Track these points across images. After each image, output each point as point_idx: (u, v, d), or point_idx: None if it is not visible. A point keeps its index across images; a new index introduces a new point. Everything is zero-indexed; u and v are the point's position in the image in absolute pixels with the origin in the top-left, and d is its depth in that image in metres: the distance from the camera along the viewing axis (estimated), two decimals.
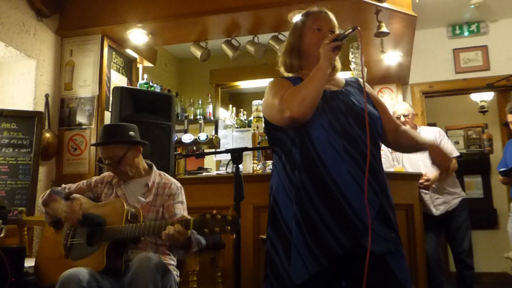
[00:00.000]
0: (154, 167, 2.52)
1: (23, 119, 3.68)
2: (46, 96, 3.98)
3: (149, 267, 2.00)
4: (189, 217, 2.08)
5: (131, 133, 2.43)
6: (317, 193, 1.63)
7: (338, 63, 1.92)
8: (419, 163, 3.66)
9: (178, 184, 2.46)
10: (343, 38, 1.74)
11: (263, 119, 2.12)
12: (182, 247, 2.14)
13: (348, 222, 1.59)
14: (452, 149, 3.76)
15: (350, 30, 1.74)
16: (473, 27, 5.20)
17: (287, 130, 1.77)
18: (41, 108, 3.91)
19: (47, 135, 3.90)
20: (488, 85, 4.90)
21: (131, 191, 2.41)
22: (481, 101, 6.00)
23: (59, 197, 2.37)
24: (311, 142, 1.70)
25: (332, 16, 1.91)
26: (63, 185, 2.51)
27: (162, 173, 2.52)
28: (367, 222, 1.57)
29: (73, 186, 2.50)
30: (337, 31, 1.87)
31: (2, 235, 2.68)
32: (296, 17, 3.84)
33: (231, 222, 1.93)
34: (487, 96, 5.92)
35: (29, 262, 2.53)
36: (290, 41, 1.97)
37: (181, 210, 2.36)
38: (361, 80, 1.87)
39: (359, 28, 1.74)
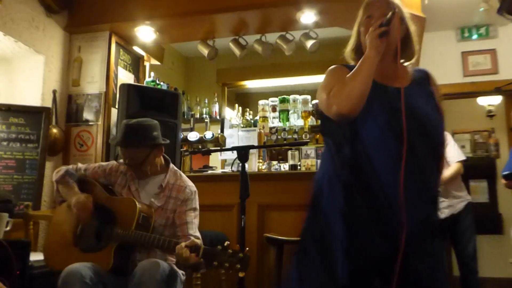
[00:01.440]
0: (171, 164, 2.46)
1: (31, 115, 3.69)
2: (54, 92, 4.00)
3: (154, 276, 1.98)
4: (199, 242, 2.04)
5: (155, 133, 2.37)
6: (362, 196, 1.58)
7: (412, 49, 1.76)
8: None
9: (194, 189, 2.41)
10: (387, 23, 1.62)
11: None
12: (190, 267, 2.11)
13: (389, 231, 1.54)
14: (458, 154, 3.75)
15: (391, 13, 1.64)
16: (482, 30, 5.17)
17: (340, 122, 1.67)
18: (48, 103, 3.93)
19: (54, 130, 3.92)
20: (496, 89, 4.87)
21: (144, 189, 2.37)
22: (488, 105, 5.97)
23: (72, 181, 2.36)
24: (363, 142, 1.61)
25: (382, 1, 1.75)
26: (79, 165, 2.48)
27: (178, 172, 2.46)
28: (410, 233, 1.50)
29: (89, 168, 2.45)
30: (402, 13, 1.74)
31: (8, 228, 2.70)
32: (304, 16, 3.86)
33: (241, 260, 1.88)
34: (495, 100, 5.89)
35: (35, 256, 2.55)
36: (352, 34, 1.84)
37: (192, 218, 2.32)
38: (431, 74, 1.78)
39: (396, 10, 1.66)
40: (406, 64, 1.79)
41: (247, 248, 1.92)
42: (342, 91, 1.62)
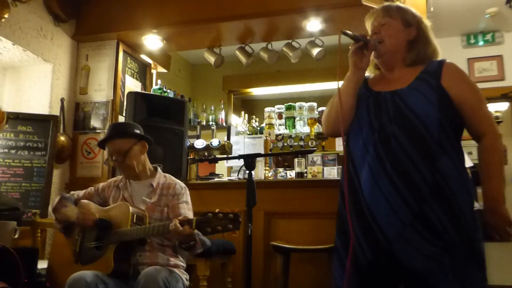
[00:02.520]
0: (159, 169, 2.54)
1: (39, 122, 3.73)
2: (62, 100, 4.03)
3: (158, 282, 2.00)
4: (191, 216, 2.09)
5: (136, 130, 2.48)
6: (354, 208, 1.63)
7: (424, 50, 1.76)
8: None
9: (183, 185, 2.48)
10: (356, 38, 1.69)
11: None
12: (187, 248, 2.14)
13: (371, 234, 1.57)
14: (466, 160, 3.72)
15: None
16: (488, 37, 5.17)
17: (344, 140, 1.76)
18: (56, 111, 3.96)
19: (62, 138, 3.94)
20: (502, 96, 4.86)
21: (137, 192, 2.43)
22: (495, 112, 5.92)
23: (69, 203, 2.40)
24: (351, 152, 1.69)
25: (380, 10, 1.81)
26: (72, 192, 2.54)
27: (167, 174, 2.54)
28: (392, 237, 1.53)
29: (81, 192, 2.53)
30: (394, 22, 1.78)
31: (16, 236, 2.72)
32: (310, 24, 3.87)
33: (233, 219, 1.93)
34: (502, 107, 5.85)
35: (42, 264, 2.56)
36: None
37: (186, 210, 2.37)
38: (446, 63, 1.72)
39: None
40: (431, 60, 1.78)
41: (237, 209, 1.96)
42: (325, 112, 1.77)
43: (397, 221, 1.53)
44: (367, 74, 1.84)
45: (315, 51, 4.17)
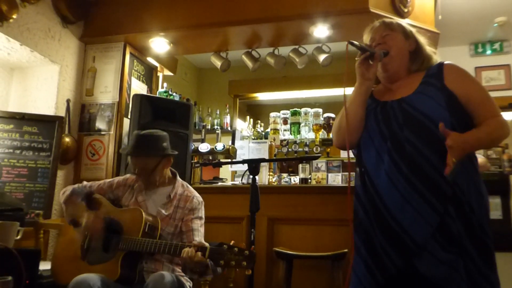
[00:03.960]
0: (178, 176, 2.51)
1: (44, 123, 3.73)
2: (68, 101, 4.04)
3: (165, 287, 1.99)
4: (206, 244, 2.05)
5: (165, 144, 2.43)
6: (374, 216, 1.62)
7: (424, 60, 1.79)
8: None
9: (200, 199, 2.45)
10: (363, 49, 1.72)
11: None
12: (197, 272, 2.11)
13: (398, 240, 1.55)
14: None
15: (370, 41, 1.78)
16: (496, 46, 5.15)
17: (355, 151, 1.78)
18: (62, 112, 3.97)
19: (67, 139, 3.95)
20: (510, 105, 4.83)
21: (152, 199, 2.40)
22: None
23: (79, 199, 2.38)
24: (363, 160, 1.70)
25: (382, 24, 1.84)
26: (85, 183, 2.51)
27: (185, 183, 2.51)
28: (421, 240, 1.52)
29: (95, 185, 2.49)
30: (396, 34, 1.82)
31: (18, 237, 2.70)
32: (317, 30, 3.86)
33: (248, 257, 1.88)
34: (509, 116, 5.82)
35: (44, 265, 2.55)
36: None
37: (198, 225, 2.35)
38: (446, 64, 1.74)
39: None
40: (428, 66, 1.81)
41: (253, 246, 1.91)
42: (334, 125, 1.78)
43: (425, 224, 1.52)
44: None
45: (322, 57, 4.16)
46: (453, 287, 1.50)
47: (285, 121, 4.41)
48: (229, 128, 5.78)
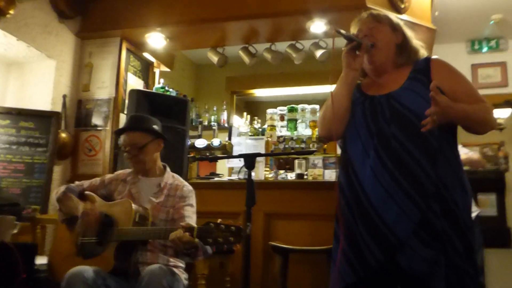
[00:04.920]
0: (168, 169, 2.54)
1: (41, 119, 3.73)
2: (64, 96, 4.04)
3: (161, 281, 2.00)
4: (194, 225, 2.07)
5: (155, 126, 2.49)
6: (357, 209, 1.62)
7: (411, 53, 1.78)
8: None
9: (190, 188, 2.48)
10: (349, 39, 1.72)
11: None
12: (188, 254, 2.15)
13: (381, 235, 1.55)
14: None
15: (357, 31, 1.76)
16: (492, 43, 5.16)
17: (340, 143, 1.77)
18: (58, 108, 3.96)
19: (63, 135, 3.95)
20: (506, 102, 4.85)
21: (144, 190, 2.42)
22: (498, 118, 5.91)
23: (74, 195, 2.39)
24: (348, 154, 1.69)
25: (369, 16, 1.82)
26: (77, 182, 2.54)
27: (175, 175, 2.54)
28: (403, 236, 1.52)
29: (86, 183, 2.52)
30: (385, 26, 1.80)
31: (15, 231, 2.71)
32: (314, 26, 3.87)
33: (235, 233, 1.91)
34: (505, 113, 5.84)
35: (41, 260, 2.55)
36: None
37: (190, 213, 2.37)
38: (432, 59, 1.73)
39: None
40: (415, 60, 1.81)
41: (240, 223, 1.93)
42: (320, 115, 1.76)
43: (407, 220, 1.52)
44: None
45: (319, 53, 4.17)
46: (434, 282, 1.51)
47: (282, 118, 4.42)
48: (226, 125, 5.78)
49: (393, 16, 1.87)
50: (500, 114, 5.85)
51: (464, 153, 3.47)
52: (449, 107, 1.51)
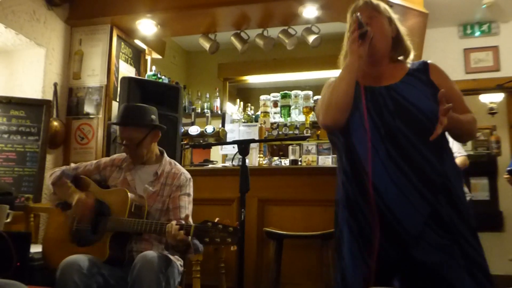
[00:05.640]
0: (165, 155, 2.51)
1: (32, 107, 3.69)
2: (55, 84, 4.00)
3: (152, 268, 1.99)
4: (191, 222, 2.06)
5: (153, 116, 2.43)
6: (365, 204, 1.61)
7: (405, 47, 1.81)
8: None
9: (188, 176, 2.45)
10: (360, 26, 1.69)
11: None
12: (179, 250, 2.15)
13: (393, 232, 1.56)
14: (459, 148, 3.75)
15: (358, 15, 1.73)
16: (485, 27, 5.15)
17: (336, 133, 1.75)
18: (49, 96, 3.93)
19: (55, 123, 3.91)
20: (498, 86, 4.86)
21: (140, 177, 2.40)
22: (490, 103, 5.95)
23: (69, 181, 2.37)
24: (354, 148, 1.66)
25: (367, 4, 1.81)
26: (72, 164, 2.51)
27: (172, 161, 2.51)
28: (415, 231, 1.54)
29: (81, 166, 2.48)
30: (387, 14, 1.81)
31: (8, 220, 2.70)
32: (306, 11, 3.84)
33: (232, 233, 1.91)
34: (497, 98, 5.87)
35: (35, 248, 2.55)
36: (344, 41, 1.89)
37: (186, 202, 2.35)
38: (429, 62, 1.79)
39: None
40: (406, 60, 1.84)
41: (237, 223, 1.93)
42: (323, 103, 1.71)
43: (416, 213, 1.54)
44: None
45: (311, 38, 4.14)
46: (449, 272, 1.53)
47: (275, 104, 4.41)
48: (219, 112, 5.76)
49: (389, 9, 1.87)
50: (492, 98, 5.89)
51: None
52: (451, 116, 1.57)
